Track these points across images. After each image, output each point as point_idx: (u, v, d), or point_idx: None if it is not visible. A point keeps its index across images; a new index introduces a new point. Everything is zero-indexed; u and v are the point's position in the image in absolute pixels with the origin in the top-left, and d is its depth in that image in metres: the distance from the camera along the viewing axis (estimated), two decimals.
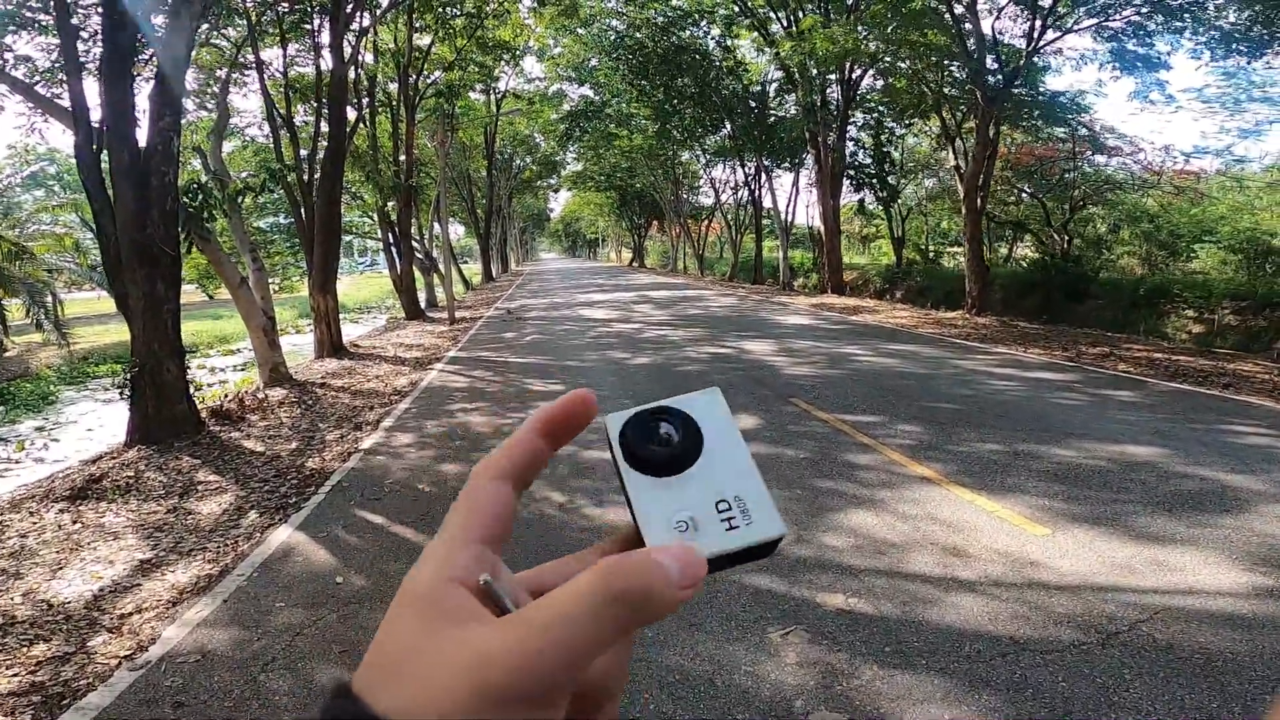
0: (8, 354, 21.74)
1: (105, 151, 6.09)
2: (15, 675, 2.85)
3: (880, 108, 20.89)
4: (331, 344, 12.27)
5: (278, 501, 4.71)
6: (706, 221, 38.89)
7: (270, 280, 26.27)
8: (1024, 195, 19.22)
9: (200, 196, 8.27)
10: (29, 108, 8.13)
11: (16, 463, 9.82)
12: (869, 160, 21.57)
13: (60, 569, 3.87)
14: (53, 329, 20.89)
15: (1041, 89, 16.19)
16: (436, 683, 0.23)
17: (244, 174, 11.73)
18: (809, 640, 2.81)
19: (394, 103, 17.62)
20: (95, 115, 6.20)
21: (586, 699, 0.29)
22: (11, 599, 3.49)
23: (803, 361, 9.09)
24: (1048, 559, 3.39)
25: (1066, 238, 16.49)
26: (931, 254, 23.86)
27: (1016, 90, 14.30)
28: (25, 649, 3.04)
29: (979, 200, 13.60)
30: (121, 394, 6.50)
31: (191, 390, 6.96)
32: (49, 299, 20.85)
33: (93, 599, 3.50)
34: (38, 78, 8.19)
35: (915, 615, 2.97)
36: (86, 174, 6.08)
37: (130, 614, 3.33)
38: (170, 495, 4.98)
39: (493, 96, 27.14)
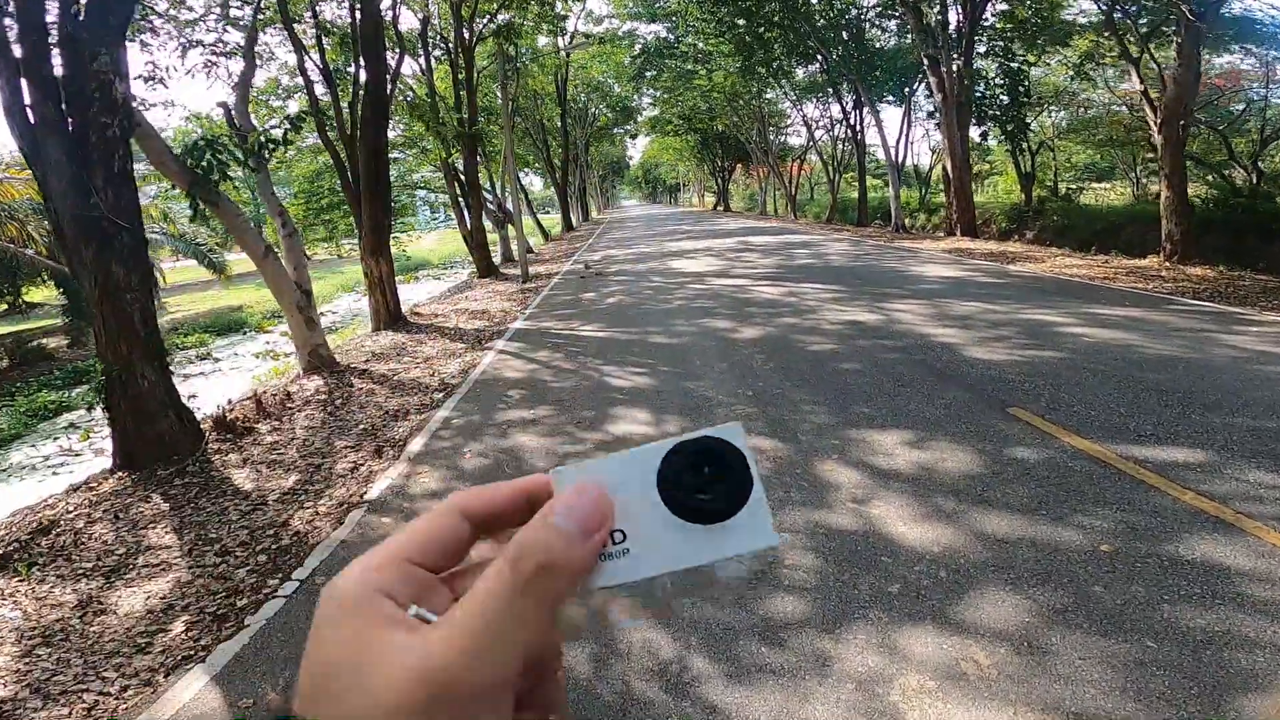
0: None
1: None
2: None
3: (1009, 32, 17.60)
4: (389, 313, 10.95)
5: (220, 604, 3.17)
6: (797, 162, 35.85)
7: (350, 242, 25.84)
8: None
9: (206, 155, 6.85)
10: None
11: (77, 455, 9.01)
12: (990, 93, 18.60)
13: None
14: None
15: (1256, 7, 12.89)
16: (383, 692, 0.22)
17: (270, 124, 10.35)
18: None
19: (451, 47, 15.98)
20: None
21: (532, 668, 0.27)
22: None
23: (988, 336, 6.52)
24: None
25: (1255, 173, 14.09)
26: (1064, 191, 21.18)
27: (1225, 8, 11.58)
28: None
29: (1180, 129, 10.94)
30: (91, 409, 5.20)
31: (184, 398, 5.62)
32: None
33: None
34: None
35: None
36: (16, 131, 4.64)
37: None
38: (98, 573, 3.57)
39: (560, 40, 25.07)
